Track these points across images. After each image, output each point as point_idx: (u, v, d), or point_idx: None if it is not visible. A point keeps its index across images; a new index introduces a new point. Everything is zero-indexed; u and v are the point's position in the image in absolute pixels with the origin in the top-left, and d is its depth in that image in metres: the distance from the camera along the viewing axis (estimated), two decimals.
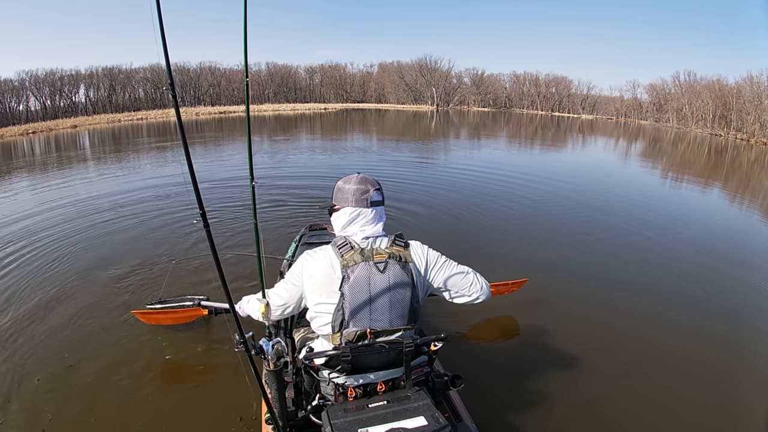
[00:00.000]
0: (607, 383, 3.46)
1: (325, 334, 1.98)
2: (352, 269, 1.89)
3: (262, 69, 68.48)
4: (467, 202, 8.71)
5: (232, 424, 2.86)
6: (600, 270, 5.85)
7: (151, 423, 2.87)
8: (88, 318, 4.14)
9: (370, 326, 1.90)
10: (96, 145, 22.37)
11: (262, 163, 13.35)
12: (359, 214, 2.04)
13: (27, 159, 17.58)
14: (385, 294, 1.90)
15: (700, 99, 46.15)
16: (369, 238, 2.00)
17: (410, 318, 1.96)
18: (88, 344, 3.73)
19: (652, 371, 3.63)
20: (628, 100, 61.23)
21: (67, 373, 3.34)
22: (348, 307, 1.88)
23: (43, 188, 10.26)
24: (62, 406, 3.01)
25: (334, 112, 50.30)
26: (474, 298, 2.16)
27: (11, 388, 3.20)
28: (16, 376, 3.34)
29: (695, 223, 8.24)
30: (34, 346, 3.71)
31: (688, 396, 3.37)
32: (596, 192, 10.51)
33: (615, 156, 20.34)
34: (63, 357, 3.54)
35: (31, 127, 32.47)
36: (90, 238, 6.34)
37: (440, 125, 35.09)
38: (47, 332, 3.90)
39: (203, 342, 3.80)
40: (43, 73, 51.50)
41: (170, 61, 1.36)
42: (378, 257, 1.93)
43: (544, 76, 68.66)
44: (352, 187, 2.07)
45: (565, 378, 3.48)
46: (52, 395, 3.11)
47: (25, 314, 4.22)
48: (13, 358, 3.55)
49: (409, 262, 1.98)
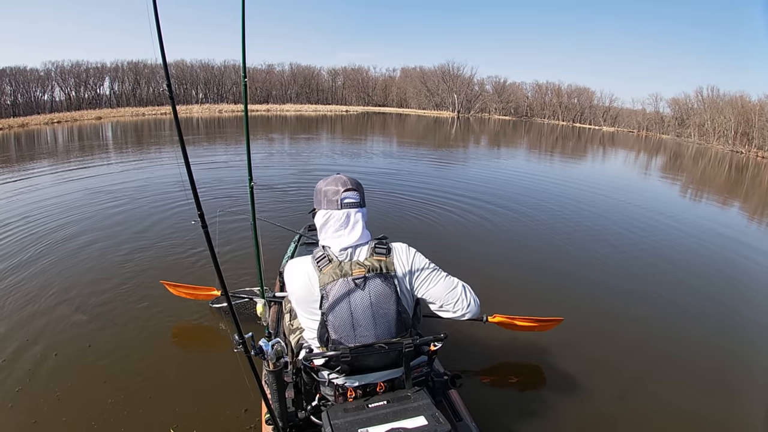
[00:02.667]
0: (607, 385, 3.47)
1: (317, 346, 1.94)
2: (331, 287, 1.84)
3: (285, 69, 69.07)
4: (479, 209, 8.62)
5: (231, 424, 2.84)
6: (606, 274, 5.82)
7: (151, 423, 2.85)
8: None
9: (355, 343, 1.85)
10: (118, 136, 22.71)
11: (278, 163, 13.41)
12: (330, 216, 1.96)
13: (49, 147, 17.89)
14: (367, 311, 1.85)
15: (723, 115, 45.39)
16: (347, 249, 1.92)
17: (398, 329, 1.90)
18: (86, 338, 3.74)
19: (656, 383, 3.55)
20: (650, 113, 60.50)
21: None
22: (331, 326, 1.85)
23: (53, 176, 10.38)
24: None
25: (356, 114, 50.51)
26: (459, 314, 2.03)
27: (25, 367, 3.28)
28: (31, 358, 3.40)
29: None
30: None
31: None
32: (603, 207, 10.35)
33: (639, 173, 20.03)
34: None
35: (56, 117, 33.16)
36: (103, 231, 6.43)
37: (460, 132, 35.00)
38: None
39: (203, 342, 3.80)
40: (69, 65, 52.53)
41: (167, 62, 1.37)
42: (357, 271, 1.86)
43: (567, 87, 68.25)
44: (324, 188, 2.00)
45: (565, 379, 3.47)
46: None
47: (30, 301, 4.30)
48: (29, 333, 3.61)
49: (391, 272, 1.89)
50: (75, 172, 11.27)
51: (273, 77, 67.65)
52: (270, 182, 10.06)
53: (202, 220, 1.49)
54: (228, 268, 4.94)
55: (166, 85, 1.42)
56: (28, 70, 49.34)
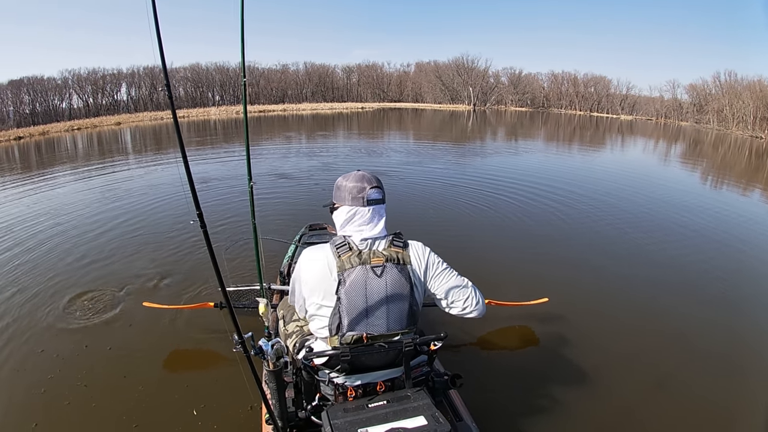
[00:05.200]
0: (607, 384, 3.41)
1: (323, 337, 1.95)
2: (349, 273, 1.86)
3: (300, 69, 69.27)
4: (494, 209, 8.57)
5: (231, 424, 2.85)
6: (603, 261, 5.88)
7: (150, 423, 2.87)
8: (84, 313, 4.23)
9: (367, 331, 1.87)
10: (137, 140, 23.02)
11: (295, 164, 13.47)
12: (356, 213, 2.00)
13: (76, 152, 18.26)
14: (382, 299, 1.87)
15: (741, 100, 44.39)
16: (368, 240, 1.95)
17: (408, 322, 1.93)
18: (86, 340, 3.78)
19: (670, 387, 3.47)
20: (668, 100, 59.34)
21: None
22: (344, 312, 1.85)
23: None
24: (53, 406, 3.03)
25: (371, 111, 50.47)
26: (467, 312, 2.10)
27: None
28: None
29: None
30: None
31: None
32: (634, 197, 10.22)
33: (657, 160, 19.74)
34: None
35: (76, 124, 33.70)
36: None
37: (477, 125, 34.79)
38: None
39: (202, 342, 3.80)
40: (86, 72, 53.29)
41: (166, 64, 1.39)
42: (375, 260, 1.89)
43: (583, 76, 67.09)
44: (349, 184, 2.03)
45: (564, 378, 3.44)
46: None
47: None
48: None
49: (407, 264, 1.94)
50: (95, 173, 11.48)
51: (288, 77, 67.85)
52: (286, 177, 10.13)
53: (201, 220, 1.51)
54: (228, 268, 4.98)
55: (165, 86, 1.44)
56: (45, 79, 50.20)
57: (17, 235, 6.45)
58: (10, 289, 4.70)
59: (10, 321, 4.07)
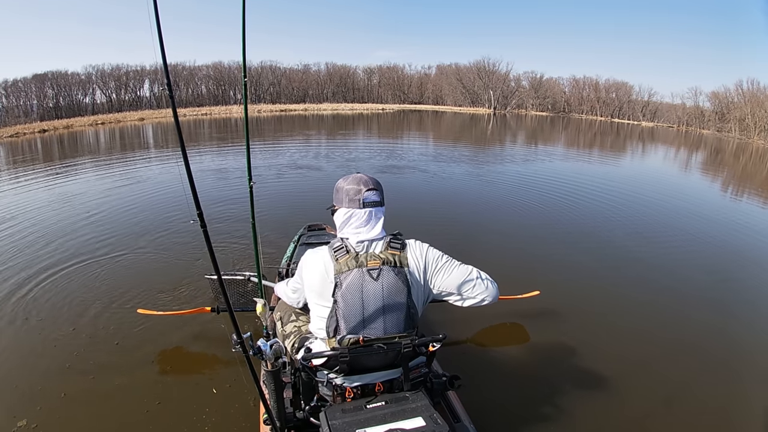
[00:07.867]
0: (608, 387, 3.39)
1: (323, 338, 1.96)
2: (345, 276, 1.86)
3: (321, 69, 69.56)
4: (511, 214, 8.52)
5: (230, 424, 2.86)
6: (597, 265, 5.87)
7: (150, 423, 2.88)
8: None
9: (364, 334, 1.86)
10: (158, 136, 23.30)
11: (317, 165, 13.53)
12: (352, 215, 2.00)
13: (103, 145, 18.59)
14: (378, 302, 1.86)
15: (763, 109, 43.28)
16: (364, 242, 1.95)
17: (406, 325, 1.92)
18: (85, 344, 3.76)
19: (668, 390, 3.43)
20: (689, 108, 58.21)
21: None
22: (341, 315, 1.86)
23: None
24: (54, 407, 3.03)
25: (392, 112, 50.46)
26: (479, 300, 2.10)
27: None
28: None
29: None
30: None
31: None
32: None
33: (675, 167, 19.46)
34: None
35: (100, 119, 34.19)
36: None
37: (497, 129, 34.59)
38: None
39: (201, 342, 3.80)
40: (110, 68, 54.15)
41: (167, 63, 1.40)
42: (372, 263, 1.89)
43: (604, 81, 66.06)
44: (346, 186, 2.04)
45: (560, 378, 3.45)
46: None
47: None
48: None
49: (405, 267, 1.93)
50: (115, 168, 11.64)
51: (309, 77, 68.21)
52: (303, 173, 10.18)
53: (201, 220, 1.52)
54: (228, 268, 4.94)
55: (166, 85, 1.46)
56: (69, 74, 51.04)
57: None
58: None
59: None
